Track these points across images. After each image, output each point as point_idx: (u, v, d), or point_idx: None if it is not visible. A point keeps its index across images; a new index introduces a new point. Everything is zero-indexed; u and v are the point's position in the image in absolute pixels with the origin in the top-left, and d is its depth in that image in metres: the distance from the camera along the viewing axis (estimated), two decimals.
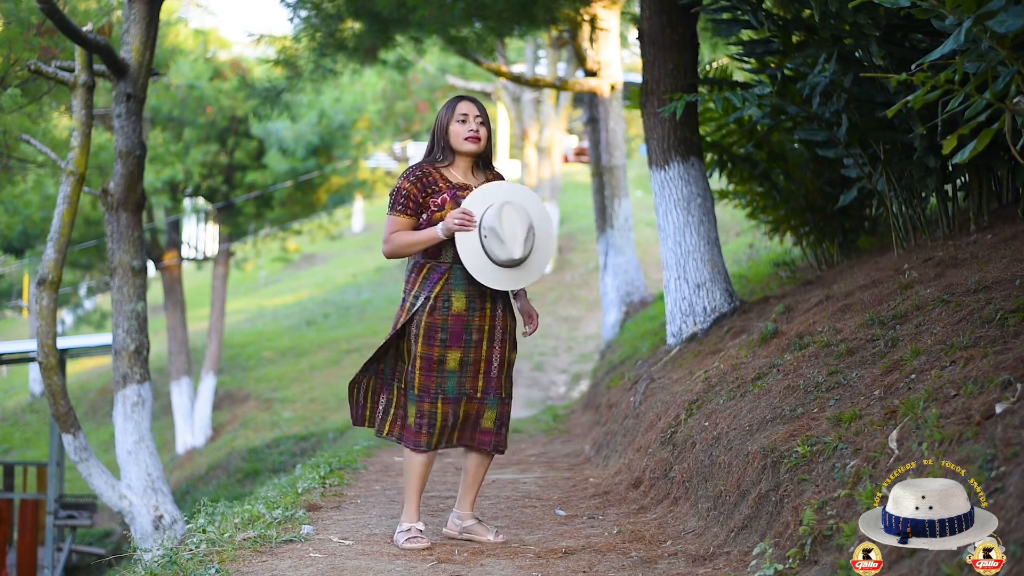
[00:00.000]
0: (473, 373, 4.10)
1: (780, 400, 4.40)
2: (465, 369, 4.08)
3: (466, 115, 4.14)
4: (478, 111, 4.16)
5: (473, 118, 4.14)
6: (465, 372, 4.09)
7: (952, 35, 3.57)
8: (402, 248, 4.09)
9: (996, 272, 4.49)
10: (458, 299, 4.07)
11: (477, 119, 4.14)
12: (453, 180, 4.15)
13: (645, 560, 3.81)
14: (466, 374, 4.09)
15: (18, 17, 8.49)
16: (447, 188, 4.11)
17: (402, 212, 4.09)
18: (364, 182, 21.98)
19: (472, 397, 4.12)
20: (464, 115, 4.14)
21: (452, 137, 4.15)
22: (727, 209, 11.45)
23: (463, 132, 4.13)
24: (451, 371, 4.07)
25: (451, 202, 4.08)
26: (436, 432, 4.11)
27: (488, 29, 9.91)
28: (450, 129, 4.15)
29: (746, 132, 7.66)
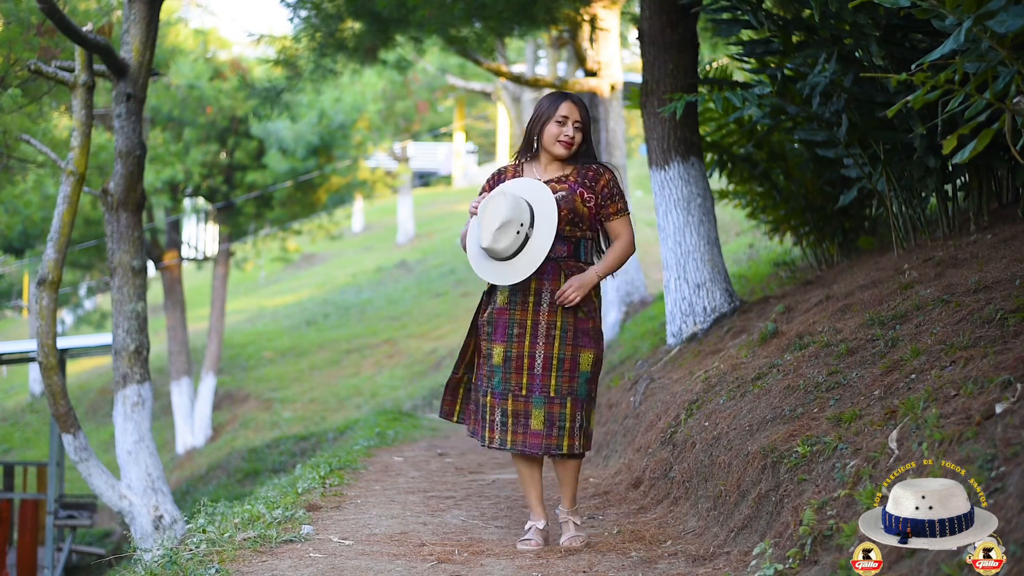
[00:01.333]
0: (516, 369, 4.01)
1: (780, 400, 4.40)
2: (508, 364, 4.01)
3: (566, 118, 4.05)
4: (579, 116, 4.07)
5: (572, 123, 4.05)
6: (508, 368, 4.01)
7: (952, 35, 3.57)
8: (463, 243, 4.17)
9: (996, 272, 4.49)
10: (501, 293, 4.07)
11: (576, 124, 4.06)
12: (526, 174, 4.12)
13: (645, 560, 3.81)
14: (509, 370, 4.01)
15: (18, 17, 8.49)
16: None
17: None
18: (364, 182, 21.97)
19: (517, 395, 4.01)
20: (564, 117, 4.05)
21: (545, 136, 4.07)
22: (727, 209, 11.44)
23: (558, 133, 4.05)
24: (496, 366, 4.03)
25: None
26: (487, 426, 4.05)
27: (488, 29, 9.91)
28: (545, 127, 4.07)
29: (746, 132, 7.66)
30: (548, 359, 4.00)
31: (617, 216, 4.10)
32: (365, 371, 19.30)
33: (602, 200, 4.08)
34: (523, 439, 4.01)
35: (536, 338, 4.01)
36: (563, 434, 4.00)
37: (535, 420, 4.00)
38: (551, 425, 4.00)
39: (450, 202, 33.96)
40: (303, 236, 22.39)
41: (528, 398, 4.00)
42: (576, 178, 4.08)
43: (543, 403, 3.99)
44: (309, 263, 32.19)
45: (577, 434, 4.02)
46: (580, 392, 4.02)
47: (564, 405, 4.00)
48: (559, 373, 4.00)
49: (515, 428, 4.02)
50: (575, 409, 4.01)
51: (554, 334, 4.00)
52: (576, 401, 4.01)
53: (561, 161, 4.12)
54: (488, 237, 3.93)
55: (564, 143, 4.06)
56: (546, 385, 3.99)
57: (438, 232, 29.52)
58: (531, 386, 4.00)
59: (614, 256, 4.09)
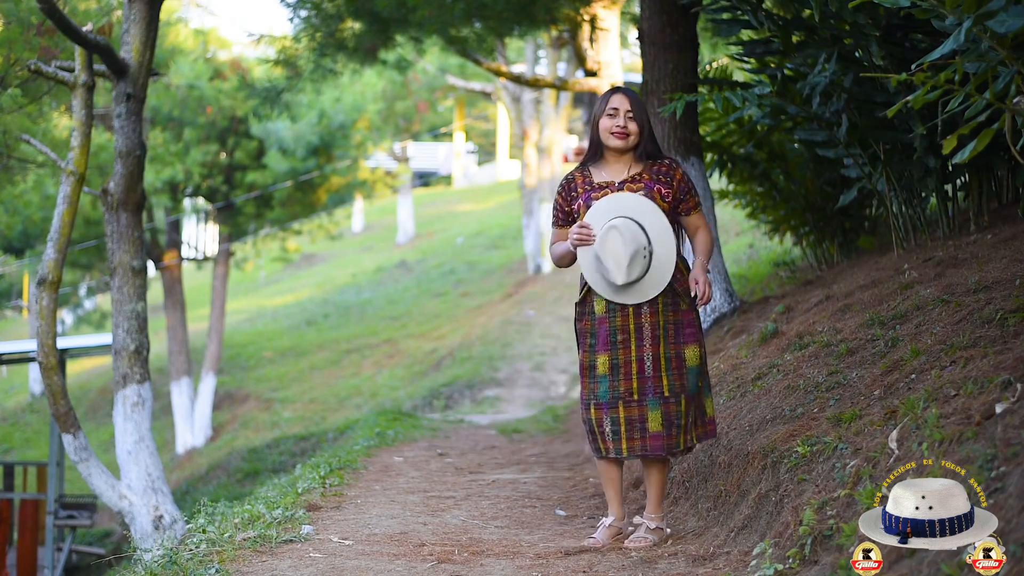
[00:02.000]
0: (624, 375, 3.99)
1: (780, 400, 4.40)
2: (616, 372, 3.99)
3: (616, 109, 4.02)
4: (630, 106, 4.02)
5: (624, 113, 4.01)
6: (616, 375, 3.99)
7: (952, 35, 3.57)
8: (555, 260, 4.17)
9: (996, 272, 4.49)
10: (599, 302, 4.03)
11: (628, 114, 4.01)
12: (596, 180, 4.08)
13: (645, 560, 3.81)
14: (617, 377, 3.99)
15: (18, 17, 8.49)
16: (584, 192, 4.08)
17: (555, 224, 4.16)
18: (364, 182, 21.96)
19: (629, 401, 3.99)
20: (615, 109, 4.02)
21: (601, 131, 4.05)
22: (727, 209, 11.44)
23: (610, 126, 4.02)
24: (601, 376, 4.01)
25: (584, 207, 4.05)
26: (597, 437, 4.04)
27: (488, 29, 9.91)
28: (600, 122, 4.05)
29: (746, 132, 7.66)
30: (657, 359, 3.98)
31: (696, 210, 4.12)
32: (365, 371, 19.30)
33: (680, 195, 4.07)
34: (642, 443, 3.99)
35: (642, 340, 3.99)
36: (680, 432, 3.99)
37: (652, 422, 3.97)
38: (670, 425, 3.98)
39: (450, 202, 33.96)
40: (303, 236, 22.37)
41: (642, 402, 3.98)
42: (650, 175, 4.05)
43: (659, 403, 3.97)
44: (309, 263, 32.19)
45: (691, 430, 4.03)
46: (692, 388, 4.01)
47: (679, 403, 3.99)
48: (669, 372, 3.98)
49: (630, 435, 3.99)
50: (688, 406, 4.01)
51: (658, 334, 3.99)
52: (689, 398, 4.01)
53: (627, 158, 4.07)
54: (623, 275, 3.91)
55: (618, 134, 4.02)
56: (659, 386, 3.97)
57: (438, 232, 29.52)
58: (643, 389, 3.98)
59: (706, 247, 4.09)
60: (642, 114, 4.05)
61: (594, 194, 4.05)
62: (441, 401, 15.22)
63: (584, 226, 3.97)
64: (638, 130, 4.03)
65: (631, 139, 4.03)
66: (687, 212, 4.10)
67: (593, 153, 4.12)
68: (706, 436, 4.12)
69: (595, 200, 4.03)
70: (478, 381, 15.60)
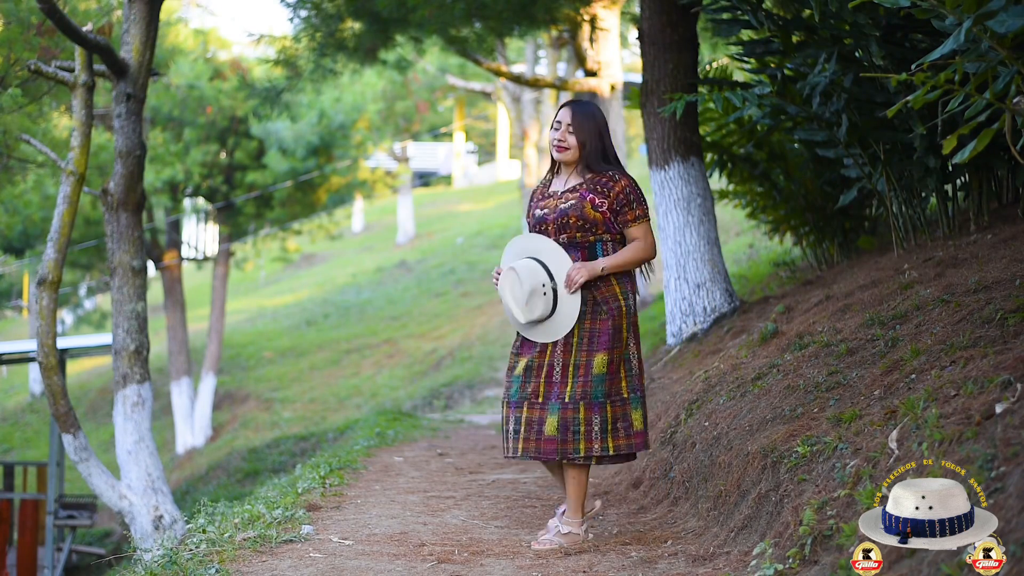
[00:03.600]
0: (535, 377, 4.10)
1: (780, 400, 4.40)
2: (528, 374, 4.11)
3: (560, 123, 4.16)
4: (571, 120, 4.14)
5: (565, 127, 4.15)
6: (528, 377, 4.11)
7: (952, 35, 3.57)
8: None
9: (996, 272, 4.49)
10: None
11: (568, 128, 4.14)
12: (551, 189, 4.24)
13: (645, 560, 3.81)
14: (529, 379, 4.11)
15: (18, 17, 8.49)
16: (537, 201, 4.26)
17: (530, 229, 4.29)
18: (364, 182, 21.96)
19: (533, 402, 4.09)
20: (559, 122, 4.17)
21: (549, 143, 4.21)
22: (727, 209, 11.44)
23: (552, 138, 4.18)
24: (516, 376, 4.15)
25: (531, 214, 4.25)
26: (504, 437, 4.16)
27: (488, 29, 9.91)
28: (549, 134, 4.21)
29: (746, 132, 7.66)
30: (566, 366, 4.08)
31: (635, 223, 4.14)
32: (365, 371, 19.30)
33: (618, 206, 4.11)
34: (536, 446, 4.06)
35: (556, 347, 4.10)
36: (579, 439, 4.03)
37: (549, 426, 4.04)
38: (565, 430, 4.04)
39: (450, 202, 33.95)
40: (303, 236, 22.37)
41: (544, 405, 4.07)
42: (587, 186, 4.14)
43: (558, 409, 4.05)
44: (309, 263, 32.19)
45: (597, 437, 4.05)
46: (595, 395, 4.05)
47: (578, 410, 4.04)
48: (575, 379, 4.06)
49: (527, 435, 4.08)
50: (589, 413, 4.04)
51: (572, 342, 4.08)
52: (590, 405, 4.05)
53: (573, 170, 4.20)
54: (522, 313, 4.07)
55: (556, 147, 4.17)
56: (562, 392, 4.07)
57: (438, 232, 29.52)
58: (548, 393, 4.08)
59: (626, 254, 4.13)
60: (585, 130, 4.13)
61: (540, 202, 4.22)
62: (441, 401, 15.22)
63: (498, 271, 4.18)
64: (577, 144, 4.14)
65: (569, 152, 4.15)
66: (626, 224, 4.15)
67: (552, 165, 4.28)
68: (631, 448, 4.13)
69: (538, 211, 4.20)
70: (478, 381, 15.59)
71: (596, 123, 4.17)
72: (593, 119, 4.17)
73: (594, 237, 4.12)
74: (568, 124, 4.14)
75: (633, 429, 4.12)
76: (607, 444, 4.06)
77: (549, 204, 4.18)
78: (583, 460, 4.08)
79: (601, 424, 4.05)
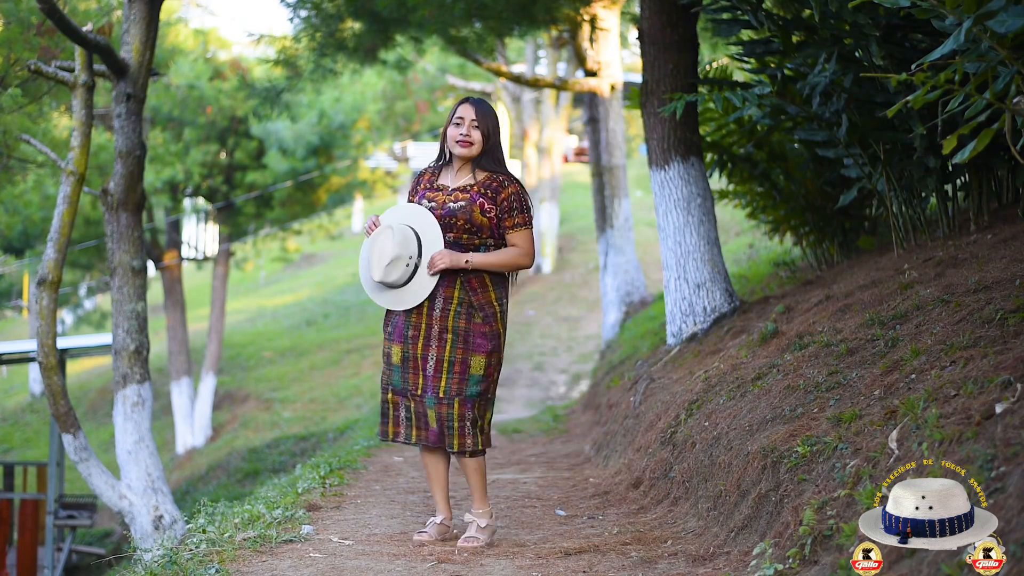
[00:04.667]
0: (412, 369, 4.15)
1: (780, 400, 4.40)
2: (405, 365, 4.16)
3: (462, 119, 4.18)
4: (475, 115, 4.16)
5: (469, 122, 4.16)
6: (406, 368, 4.16)
7: (952, 35, 3.57)
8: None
9: (996, 272, 4.49)
10: None
11: (472, 123, 4.16)
12: (437, 182, 4.24)
13: (645, 560, 3.81)
14: (407, 370, 4.16)
15: (18, 17, 8.49)
16: (423, 190, 4.24)
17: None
18: (364, 182, 21.97)
19: (413, 394, 4.16)
20: (460, 118, 4.18)
21: (448, 139, 4.21)
22: (727, 209, 11.44)
23: (455, 135, 4.18)
24: (395, 365, 4.19)
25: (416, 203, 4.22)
26: (390, 422, 4.21)
27: (488, 29, 9.91)
28: (447, 130, 4.21)
29: (746, 132, 7.66)
30: (440, 361, 4.13)
31: (515, 230, 4.18)
32: (365, 371, 19.30)
33: (502, 212, 4.16)
34: (425, 434, 4.17)
35: (429, 340, 4.14)
36: (452, 433, 4.12)
37: (431, 419, 4.14)
38: (441, 424, 4.13)
39: None
40: (303, 236, 22.39)
41: (422, 398, 4.15)
42: (480, 188, 4.17)
43: (434, 403, 4.12)
44: (309, 263, 32.19)
45: (468, 433, 4.13)
46: (469, 392, 4.12)
47: (452, 406, 4.11)
48: (449, 375, 4.12)
49: (418, 424, 4.17)
50: (463, 409, 4.12)
51: (446, 337, 4.13)
52: (464, 401, 4.12)
53: (468, 167, 4.21)
54: (379, 272, 4.12)
55: (461, 142, 4.16)
56: (436, 386, 4.12)
57: None
58: (424, 387, 4.14)
59: (498, 256, 4.16)
60: (487, 126, 4.17)
61: (428, 194, 4.22)
62: None
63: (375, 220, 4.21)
64: (481, 140, 4.17)
65: (474, 148, 4.17)
66: (507, 230, 4.18)
67: (440, 156, 4.29)
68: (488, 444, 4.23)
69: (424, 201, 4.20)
70: None
71: (495, 121, 4.21)
72: (493, 117, 4.22)
73: (479, 241, 4.16)
74: (472, 120, 4.16)
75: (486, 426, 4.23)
76: (477, 440, 4.14)
77: (437, 199, 4.19)
78: (456, 453, 4.16)
79: (472, 420, 4.13)
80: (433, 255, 4.11)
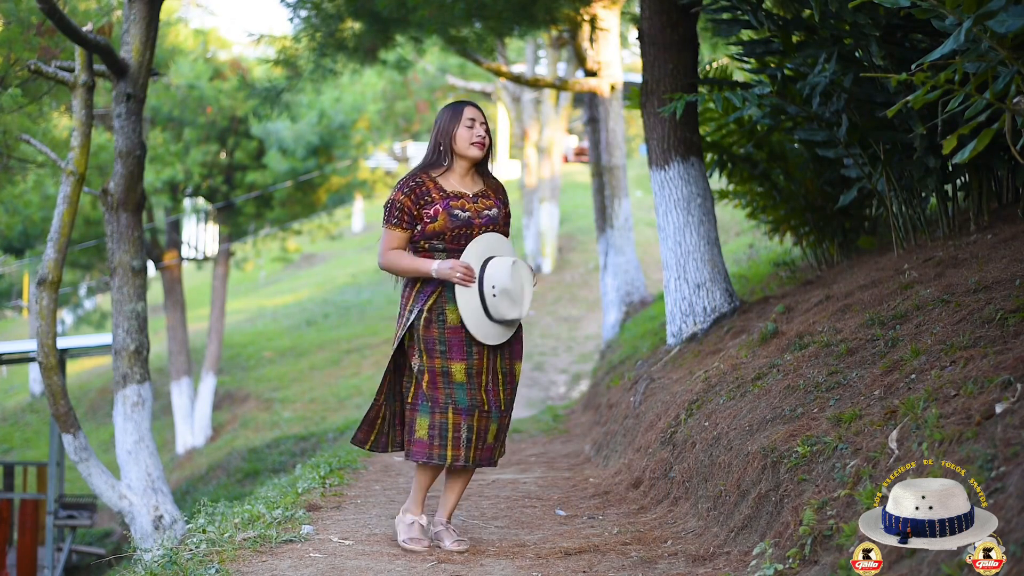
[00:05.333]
0: (478, 386, 4.03)
1: (780, 400, 4.40)
2: (471, 381, 4.02)
3: (473, 120, 4.10)
4: (483, 117, 4.17)
5: (480, 124, 4.12)
6: (472, 384, 4.02)
7: (952, 35, 3.58)
8: (396, 270, 4.07)
9: (996, 272, 4.49)
10: (452, 312, 4.00)
11: (483, 125, 4.13)
12: (447, 188, 4.05)
13: (645, 560, 3.81)
14: (474, 386, 4.02)
15: (18, 17, 8.49)
16: (440, 199, 4.02)
17: (397, 226, 4.03)
18: (364, 182, 21.98)
19: (482, 411, 4.04)
20: (472, 120, 4.10)
21: (458, 141, 4.08)
22: (727, 209, 11.44)
23: (471, 137, 4.08)
24: (459, 383, 4.01)
25: (443, 213, 3.99)
26: (449, 444, 4.00)
27: (488, 29, 9.91)
28: (457, 133, 4.08)
29: (746, 132, 7.66)
30: (495, 373, 4.09)
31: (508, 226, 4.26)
32: (365, 371, 19.30)
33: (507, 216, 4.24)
34: (479, 454, 4.07)
35: (487, 353, 4.07)
36: (499, 445, 4.14)
37: (490, 435, 4.07)
38: (497, 438, 4.11)
39: None
40: (303, 236, 22.38)
41: (488, 414, 4.05)
42: (494, 194, 4.18)
43: (497, 417, 4.08)
44: (309, 263, 32.20)
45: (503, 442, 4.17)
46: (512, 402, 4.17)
47: (508, 417, 4.14)
48: (505, 387, 4.11)
49: (478, 444, 4.05)
50: (510, 419, 4.18)
51: (503, 349, 4.11)
52: (510, 412, 4.16)
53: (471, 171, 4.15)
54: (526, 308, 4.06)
55: (478, 144, 4.09)
56: (498, 399, 4.09)
57: None
58: (489, 402, 4.06)
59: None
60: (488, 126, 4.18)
61: (452, 203, 4.02)
62: None
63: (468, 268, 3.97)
64: (490, 141, 4.17)
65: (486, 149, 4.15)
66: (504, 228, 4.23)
67: (437, 160, 4.10)
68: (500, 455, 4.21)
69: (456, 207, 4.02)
70: None
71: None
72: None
73: None
74: (482, 121, 4.14)
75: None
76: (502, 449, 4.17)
77: (468, 207, 4.05)
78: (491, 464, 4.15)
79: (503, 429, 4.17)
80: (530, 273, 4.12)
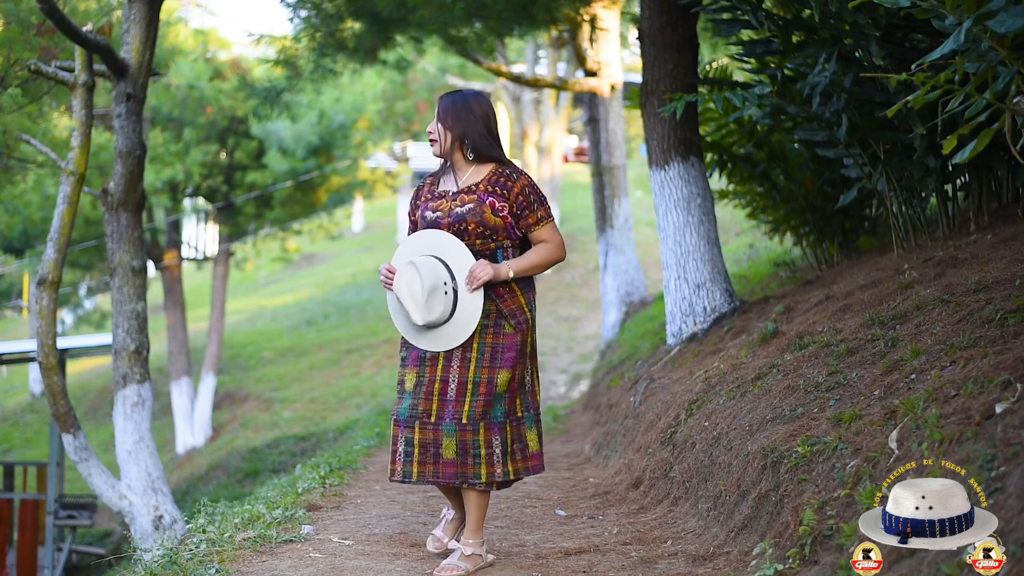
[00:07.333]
0: (426, 395, 3.73)
1: (780, 400, 4.40)
2: (418, 390, 3.74)
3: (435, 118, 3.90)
4: (438, 110, 3.87)
5: (436, 120, 3.87)
6: (418, 394, 3.74)
7: (952, 35, 3.58)
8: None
9: (996, 272, 4.49)
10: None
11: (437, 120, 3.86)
12: (438, 189, 3.89)
13: (645, 560, 3.81)
14: (419, 395, 3.73)
15: (18, 17, 8.49)
16: (425, 201, 3.88)
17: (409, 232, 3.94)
18: (364, 182, 21.97)
19: (425, 423, 3.71)
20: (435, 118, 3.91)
21: None
22: (727, 209, 11.44)
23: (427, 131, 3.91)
24: (408, 392, 3.77)
25: (420, 218, 3.87)
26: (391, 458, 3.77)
27: (488, 29, 9.91)
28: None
29: (746, 132, 7.66)
30: (463, 383, 3.72)
31: (540, 225, 3.83)
32: (365, 371, 19.30)
33: (518, 210, 3.79)
34: (434, 469, 3.71)
35: (450, 361, 3.73)
36: (480, 463, 3.70)
37: (447, 449, 3.69)
38: (465, 454, 3.70)
39: None
40: (303, 236, 22.38)
41: (438, 425, 3.70)
42: (486, 186, 3.80)
43: (454, 431, 3.69)
44: (309, 263, 32.20)
45: (498, 461, 3.72)
46: (495, 416, 3.73)
47: (477, 432, 3.70)
48: (473, 398, 3.71)
49: (422, 459, 3.71)
50: (490, 435, 3.71)
51: (469, 356, 3.73)
52: (490, 426, 3.72)
53: (467, 165, 3.86)
54: (421, 314, 3.68)
55: (429, 140, 3.88)
56: (458, 411, 3.70)
57: None
58: (441, 412, 3.70)
59: (534, 256, 3.81)
60: (461, 120, 3.81)
61: (431, 204, 3.84)
62: None
63: (388, 269, 3.79)
64: (445, 132, 3.83)
65: (437, 146, 3.86)
66: (530, 228, 3.83)
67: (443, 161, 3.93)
68: (527, 472, 3.83)
69: (428, 212, 3.83)
70: None
71: (474, 113, 3.81)
72: (469, 108, 3.82)
73: (495, 244, 3.79)
74: (436, 114, 3.86)
75: (529, 451, 3.82)
76: (507, 468, 3.74)
77: (442, 206, 3.81)
78: (483, 487, 3.74)
79: (502, 447, 3.72)
80: (472, 268, 3.70)
